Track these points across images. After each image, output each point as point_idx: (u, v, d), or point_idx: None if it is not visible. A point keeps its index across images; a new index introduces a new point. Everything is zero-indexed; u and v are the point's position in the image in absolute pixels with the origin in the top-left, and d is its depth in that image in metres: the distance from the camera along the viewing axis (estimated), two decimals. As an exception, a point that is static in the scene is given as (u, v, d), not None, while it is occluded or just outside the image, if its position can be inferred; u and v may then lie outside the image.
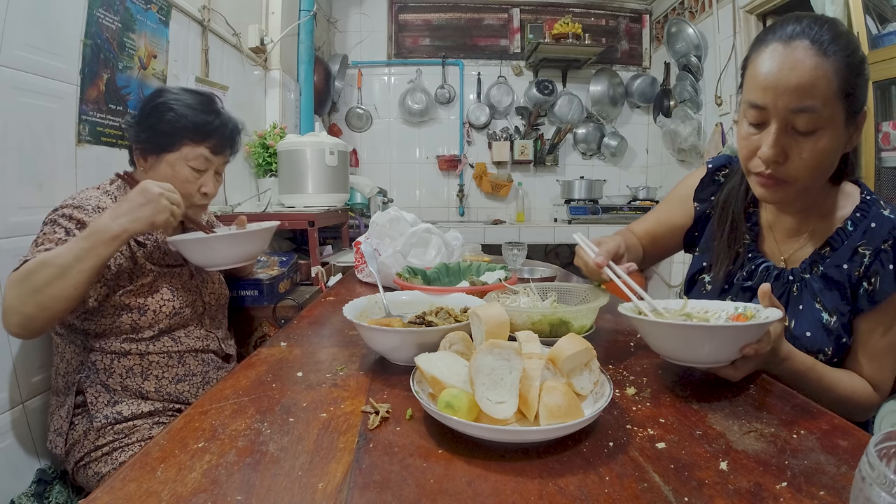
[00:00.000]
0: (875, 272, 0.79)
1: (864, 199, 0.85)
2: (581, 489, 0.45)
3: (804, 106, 0.73)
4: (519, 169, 4.00)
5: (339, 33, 3.88)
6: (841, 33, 0.75)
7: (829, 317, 0.83)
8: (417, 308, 0.87)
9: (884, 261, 0.79)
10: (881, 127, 1.95)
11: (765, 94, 0.76)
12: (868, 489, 0.31)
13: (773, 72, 0.75)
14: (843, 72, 0.73)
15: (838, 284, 0.83)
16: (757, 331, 0.64)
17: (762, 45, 0.79)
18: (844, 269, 0.82)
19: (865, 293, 0.80)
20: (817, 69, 0.72)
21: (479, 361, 0.55)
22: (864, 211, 0.83)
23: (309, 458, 0.50)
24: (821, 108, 0.73)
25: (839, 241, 0.84)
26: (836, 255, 0.83)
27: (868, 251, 0.80)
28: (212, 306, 1.24)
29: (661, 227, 1.12)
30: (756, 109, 0.78)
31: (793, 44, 0.74)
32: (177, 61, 1.79)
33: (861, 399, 0.79)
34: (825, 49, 0.73)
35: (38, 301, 0.86)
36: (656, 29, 3.93)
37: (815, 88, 0.72)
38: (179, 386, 1.13)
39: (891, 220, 0.81)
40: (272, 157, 2.36)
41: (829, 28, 0.75)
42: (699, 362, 0.67)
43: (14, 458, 1.12)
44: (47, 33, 1.22)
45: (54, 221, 1.00)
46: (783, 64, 0.74)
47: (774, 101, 0.75)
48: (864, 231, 0.82)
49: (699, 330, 0.65)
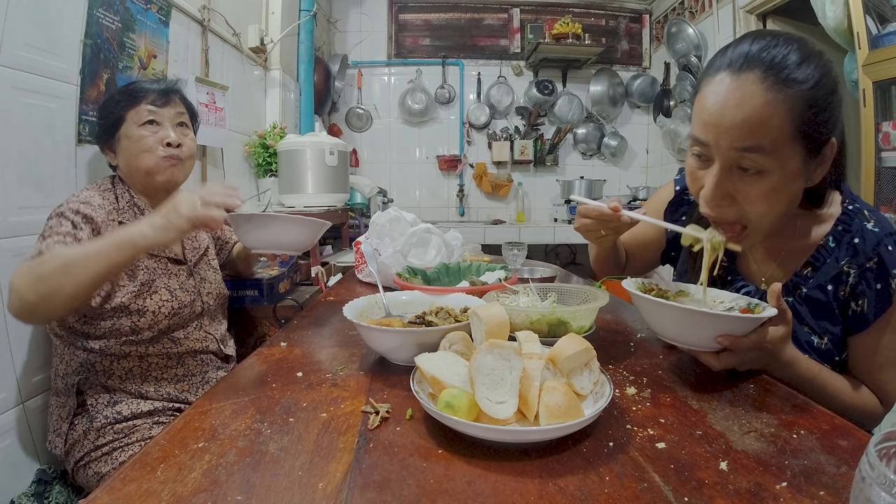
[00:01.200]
0: (861, 293, 0.75)
1: (847, 209, 0.79)
2: (581, 489, 0.45)
3: (749, 146, 0.67)
4: (519, 169, 4.00)
5: (339, 33, 3.88)
6: (809, 55, 0.67)
7: (818, 340, 0.80)
8: (417, 308, 0.87)
9: (869, 280, 0.74)
10: (881, 127, 1.95)
11: (706, 131, 0.70)
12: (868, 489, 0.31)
13: (716, 107, 0.68)
14: (800, 107, 0.66)
15: (824, 305, 0.78)
16: (733, 323, 0.64)
17: (712, 71, 0.71)
18: (829, 289, 0.77)
19: (854, 315, 0.77)
20: (767, 107, 0.65)
21: (479, 361, 0.55)
22: (847, 224, 0.78)
23: (309, 458, 0.50)
24: (769, 148, 0.66)
25: (821, 259, 0.79)
26: (818, 276, 0.79)
27: (853, 270, 0.75)
28: (211, 307, 1.24)
29: (635, 241, 1.10)
30: (699, 145, 0.72)
31: (742, 75, 0.66)
32: (177, 61, 1.79)
33: (867, 409, 0.77)
34: (783, 79, 0.65)
35: (38, 290, 0.86)
36: (656, 29, 3.93)
37: (762, 128, 0.65)
38: (179, 386, 1.13)
39: (875, 234, 0.75)
40: (272, 157, 2.36)
41: (795, 51, 0.66)
42: (677, 341, 0.70)
43: (14, 458, 1.12)
44: (47, 33, 1.22)
45: (61, 215, 1.00)
46: (728, 99, 0.67)
47: (716, 139, 0.69)
48: (848, 246, 0.76)
49: (674, 310, 0.67)
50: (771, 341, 0.66)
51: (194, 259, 1.24)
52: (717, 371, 0.69)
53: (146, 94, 1.14)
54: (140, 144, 1.12)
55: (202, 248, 1.29)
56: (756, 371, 0.71)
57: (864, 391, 0.78)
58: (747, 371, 0.71)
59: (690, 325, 0.67)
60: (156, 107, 1.15)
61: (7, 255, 1.10)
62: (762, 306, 0.69)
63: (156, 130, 1.14)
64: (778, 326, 0.67)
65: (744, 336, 0.65)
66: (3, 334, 1.09)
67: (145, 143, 1.12)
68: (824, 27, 2.17)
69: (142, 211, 1.15)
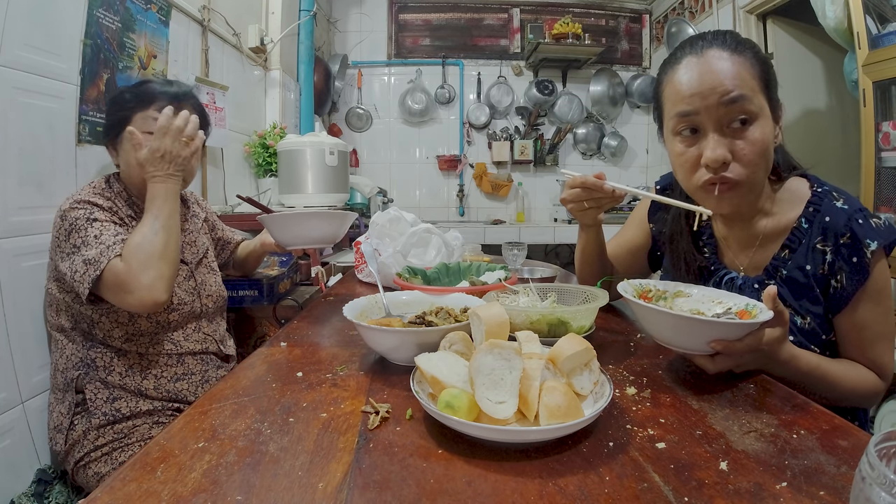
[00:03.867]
0: (840, 269, 0.79)
1: (816, 192, 0.84)
2: (581, 489, 0.45)
3: (734, 96, 0.74)
4: (519, 169, 4.00)
5: (339, 33, 3.88)
6: (743, 38, 0.79)
7: (801, 320, 0.82)
8: (417, 308, 0.87)
9: (845, 256, 0.78)
10: (881, 127, 1.95)
11: (692, 100, 0.77)
12: (868, 489, 0.31)
13: (695, 78, 0.77)
14: (758, 64, 0.77)
15: (805, 287, 0.82)
16: (727, 329, 0.64)
17: (675, 63, 0.81)
18: (808, 269, 0.81)
19: (835, 292, 0.80)
20: (735, 64, 0.76)
21: (479, 361, 0.55)
22: (817, 205, 0.82)
23: (309, 458, 0.50)
24: (750, 95, 0.75)
25: (796, 241, 0.83)
26: (795, 257, 0.83)
27: (828, 248, 0.80)
28: (209, 309, 1.24)
29: (622, 251, 1.13)
30: (686, 118, 0.78)
31: (706, 52, 0.77)
32: (177, 61, 1.79)
33: (868, 387, 0.79)
34: (735, 48, 0.77)
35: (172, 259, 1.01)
36: (656, 29, 3.93)
37: (738, 78, 0.75)
38: (178, 384, 1.13)
39: (844, 211, 0.79)
40: (272, 157, 2.36)
41: (731, 36, 0.79)
42: (672, 345, 0.70)
43: (14, 458, 1.12)
44: (47, 33, 1.22)
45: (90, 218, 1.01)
46: (703, 69, 0.77)
47: (704, 102, 0.76)
48: (820, 226, 0.81)
49: (668, 316, 0.67)
50: (767, 343, 0.66)
51: (194, 261, 1.24)
52: (713, 374, 0.69)
53: (156, 98, 1.12)
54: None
55: (202, 251, 1.28)
56: (755, 371, 0.72)
57: (862, 371, 0.80)
58: (746, 371, 0.71)
59: (684, 331, 0.67)
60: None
61: (7, 255, 1.10)
62: (759, 308, 0.70)
63: None
64: (774, 328, 0.67)
65: (738, 340, 0.65)
66: (3, 334, 1.09)
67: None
68: (824, 27, 2.17)
69: (139, 210, 1.14)
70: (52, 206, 1.04)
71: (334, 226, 1.16)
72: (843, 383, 0.77)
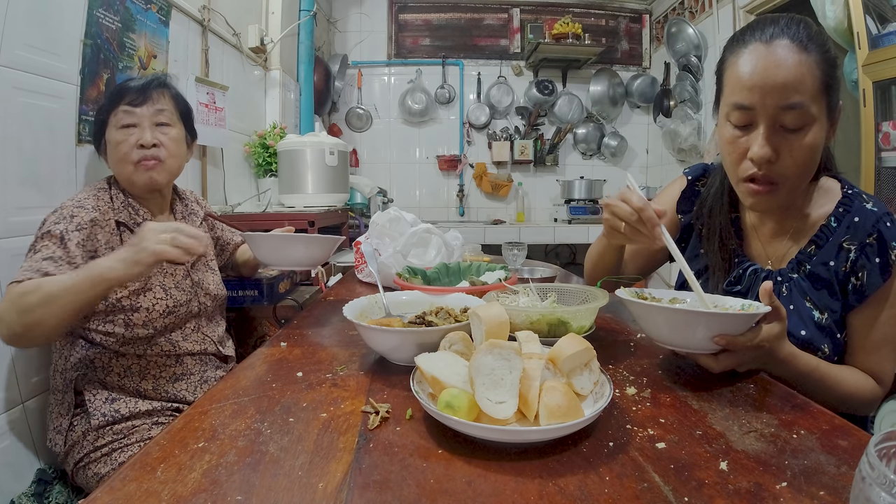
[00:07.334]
0: (862, 267, 0.79)
1: (846, 193, 0.84)
2: (581, 489, 0.45)
3: (792, 103, 0.73)
4: (519, 169, 4.00)
5: (339, 33, 3.88)
6: (816, 31, 0.76)
7: (820, 314, 0.83)
8: (417, 308, 0.87)
9: (869, 255, 0.78)
10: (881, 127, 1.95)
11: (751, 94, 0.75)
12: (868, 489, 0.31)
13: (758, 71, 0.74)
14: (823, 65, 0.74)
15: (826, 282, 0.82)
16: (727, 321, 0.64)
17: (741, 45, 0.78)
18: (831, 266, 0.82)
19: (854, 289, 0.80)
20: (801, 65, 0.73)
21: (479, 361, 0.55)
22: (847, 206, 0.83)
23: (309, 458, 0.50)
24: (808, 103, 0.73)
25: (824, 238, 0.83)
26: (821, 253, 0.83)
27: (853, 246, 0.80)
28: (208, 308, 1.24)
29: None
30: (742, 111, 0.77)
31: (774, 42, 0.74)
32: (177, 61, 1.79)
33: (865, 394, 0.79)
34: (805, 45, 0.74)
35: (23, 322, 0.87)
36: (656, 29, 3.93)
37: (801, 84, 0.73)
38: (177, 385, 1.13)
39: (874, 213, 0.80)
40: (272, 157, 2.36)
41: (804, 26, 0.76)
42: (675, 345, 0.70)
43: (14, 458, 1.12)
44: (47, 33, 1.22)
45: (48, 234, 0.98)
46: (768, 62, 0.74)
47: (762, 100, 0.74)
48: (848, 226, 0.81)
49: (668, 312, 0.67)
50: (767, 339, 0.67)
51: (192, 259, 1.24)
52: (717, 373, 0.69)
53: (123, 94, 1.10)
54: (117, 151, 1.10)
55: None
56: (755, 371, 0.72)
57: (861, 377, 0.80)
58: (746, 371, 0.71)
59: (685, 326, 0.67)
60: (132, 107, 1.10)
61: (7, 256, 1.10)
62: (756, 307, 0.70)
63: (132, 133, 1.09)
64: (772, 324, 0.68)
65: (740, 335, 0.65)
66: (3, 334, 1.09)
67: (121, 151, 1.09)
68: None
69: (136, 211, 1.14)
70: (52, 206, 1.04)
71: (322, 250, 1.14)
72: (841, 387, 0.77)
